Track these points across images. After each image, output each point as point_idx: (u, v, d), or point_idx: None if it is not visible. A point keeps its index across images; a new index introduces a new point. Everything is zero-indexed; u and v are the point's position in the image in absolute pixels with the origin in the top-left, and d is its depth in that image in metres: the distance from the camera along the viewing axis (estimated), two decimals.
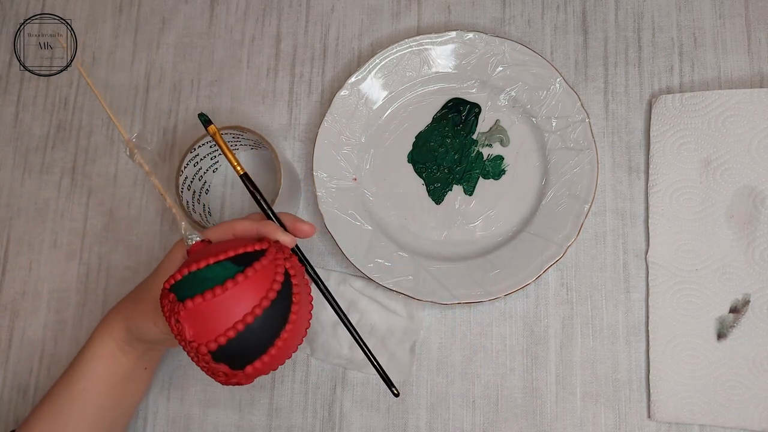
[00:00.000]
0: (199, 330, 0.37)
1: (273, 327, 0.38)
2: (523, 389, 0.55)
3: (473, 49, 0.59)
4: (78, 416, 0.49)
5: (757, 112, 0.55)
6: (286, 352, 0.39)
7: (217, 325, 0.37)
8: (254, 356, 0.38)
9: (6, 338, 0.61)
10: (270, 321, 0.38)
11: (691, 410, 0.52)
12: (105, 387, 0.50)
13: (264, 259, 0.40)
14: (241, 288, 0.38)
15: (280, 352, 0.38)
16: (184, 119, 0.64)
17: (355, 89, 0.60)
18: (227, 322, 0.37)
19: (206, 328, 0.37)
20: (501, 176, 0.59)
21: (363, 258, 0.57)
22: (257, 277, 0.38)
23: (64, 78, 0.67)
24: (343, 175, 0.59)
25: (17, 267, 0.63)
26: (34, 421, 0.49)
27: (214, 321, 0.37)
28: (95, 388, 0.49)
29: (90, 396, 0.49)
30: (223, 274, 0.38)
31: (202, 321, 0.37)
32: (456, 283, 0.55)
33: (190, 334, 0.37)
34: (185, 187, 0.57)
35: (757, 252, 0.54)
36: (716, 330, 0.54)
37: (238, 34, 0.66)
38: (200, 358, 0.38)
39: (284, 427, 0.57)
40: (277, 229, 0.44)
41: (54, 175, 0.65)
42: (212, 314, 0.37)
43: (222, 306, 0.37)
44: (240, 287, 0.37)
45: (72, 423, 0.49)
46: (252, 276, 0.38)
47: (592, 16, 0.61)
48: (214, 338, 0.37)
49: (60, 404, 0.49)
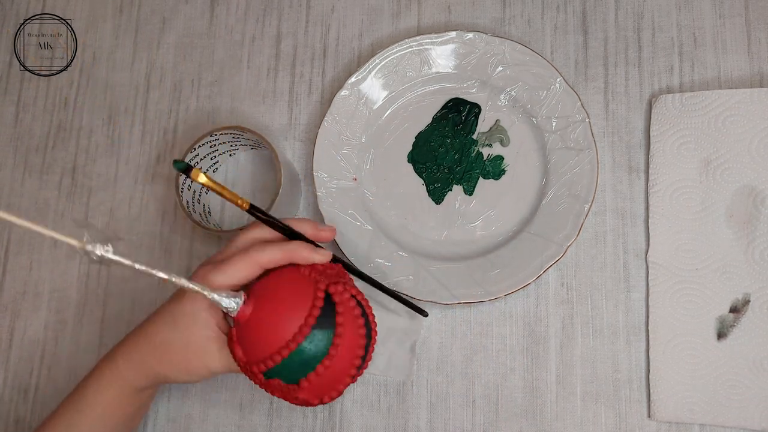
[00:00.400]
0: (317, 394, 0.41)
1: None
2: (524, 389, 0.55)
3: (473, 49, 0.59)
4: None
5: (757, 112, 0.55)
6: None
7: (332, 384, 0.41)
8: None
9: (6, 338, 0.62)
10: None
11: (691, 410, 0.52)
12: (114, 425, 0.48)
13: (339, 307, 0.40)
14: (341, 349, 0.40)
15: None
16: (184, 119, 0.64)
17: (356, 89, 0.60)
18: (340, 379, 0.41)
19: (322, 391, 0.41)
20: (501, 176, 0.59)
21: (363, 258, 0.57)
22: (348, 330, 0.40)
23: (64, 78, 0.67)
24: (343, 175, 0.59)
25: (18, 267, 0.63)
26: None
27: (329, 384, 0.41)
28: (103, 429, 0.47)
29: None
30: (317, 346, 0.39)
31: (320, 388, 0.40)
32: (456, 283, 0.55)
33: (315, 400, 0.41)
34: (185, 187, 0.57)
35: (757, 252, 0.54)
36: (716, 330, 0.54)
37: (239, 34, 0.66)
38: (324, 403, 0.41)
39: (284, 427, 0.57)
40: (307, 249, 0.42)
41: (54, 175, 0.65)
42: (326, 381, 0.40)
43: (333, 372, 0.40)
44: (341, 348, 0.39)
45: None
46: (344, 332, 0.39)
47: (592, 16, 0.61)
48: (329, 393, 0.41)
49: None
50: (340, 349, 0.39)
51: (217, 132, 0.56)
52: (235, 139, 0.58)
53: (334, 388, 0.41)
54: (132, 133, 0.65)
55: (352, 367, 0.40)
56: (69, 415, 0.47)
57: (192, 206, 0.57)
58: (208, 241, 0.61)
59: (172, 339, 0.44)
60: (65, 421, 0.47)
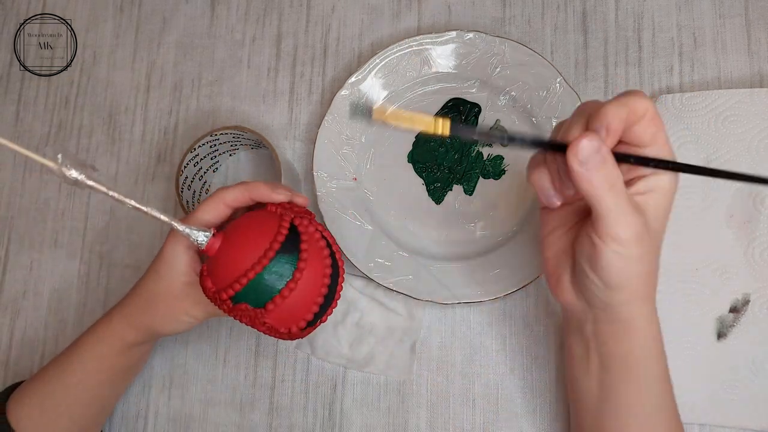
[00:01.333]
0: (284, 321, 0.41)
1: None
2: (523, 389, 0.55)
3: (473, 49, 0.59)
4: (72, 403, 0.49)
5: (757, 112, 0.55)
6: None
7: (298, 312, 0.41)
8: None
9: (6, 338, 0.62)
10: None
11: (691, 410, 0.52)
12: (105, 378, 0.50)
13: (303, 236, 0.41)
14: (306, 273, 0.41)
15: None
16: (184, 119, 0.64)
17: (356, 89, 0.60)
18: (306, 306, 0.41)
19: (289, 318, 0.41)
20: (501, 176, 0.59)
21: (363, 257, 0.57)
22: (311, 256, 0.41)
23: (64, 78, 0.67)
24: (344, 175, 0.59)
25: (18, 266, 0.63)
26: (28, 407, 0.49)
27: (295, 311, 0.41)
28: (93, 380, 0.50)
29: (86, 387, 0.50)
30: (282, 270, 0.40)
31: (286, 314, 0.41)
32: (456, 283, 0.56)
33: (282, 328, 0.41)
34: (185, 187, 0.57)
35: (757, 252, 0.54)
36: (716, 330, 0.54)
37: (239, 34, 0.66)
38: (293, 336, 0.42)
39: (284, 427, 0.57)
40: (267, 187, 0.43)
41: (54, 175, 0.64)
42: (292, 307, 0.41)
43: (298, 298, 0.41)
44: (305, 272, 0.41)
45: (65, 411, 0.49)
46: (308, 257, 0.41)
47: (592, 16, 0.61)
48: (296, 322, 0.41)
49: (52, 393, 0.49)
50: (305, 273, 0.40)
51: (217, 132, 0.56)
52: (235, 139, 0.58)
53: (302, 316, 0.41)
54: (132, 133, 0.65)
55: (319, 295, 0.41)
56: (62, 366, 0.49)
57: (192, 206, 0.57)
58: None
59: (156, 290, 0.47)
60: (58, 372, 0.49)
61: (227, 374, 0.58)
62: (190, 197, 0.57)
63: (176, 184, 0.56)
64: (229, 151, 0.61)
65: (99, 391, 0.51)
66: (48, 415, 0.49)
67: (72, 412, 0.50)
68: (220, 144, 0.58)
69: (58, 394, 0.49)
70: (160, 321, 0.47)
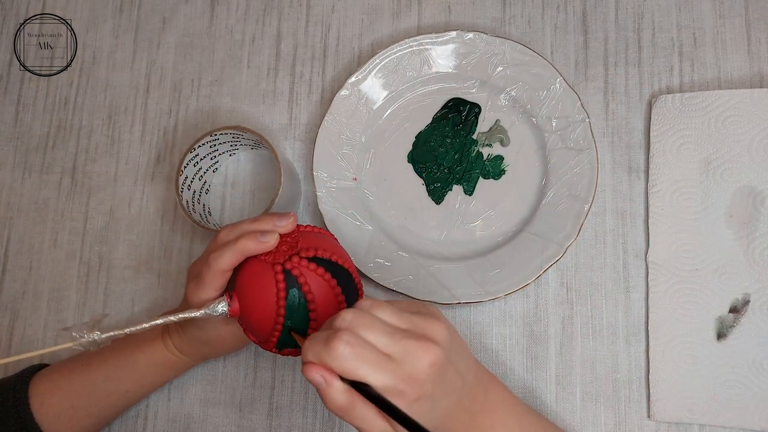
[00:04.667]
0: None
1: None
2: (523, 389, 0.55)
3: (473, 49, 0.59)
4: (106, 403, 0.53)
5: (757, 112, 0.55)
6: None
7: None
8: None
9: (6, 338, 0.62)
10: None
11: (690, 410, 0.52)
12: (148, 388, 0.55)
13: (299, 279, 0.44)
14: (318, 303, 0.44)
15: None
16: (184, 119, 0.64)
17: (356, 89, 0.60)
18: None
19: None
20: (501, 176, 0.59)
21: (363, 257, 0.57)
22: (315, 288, 0.44)
23: (64, 78, 0.67)
24: (343, 175, 0.59)
25: (17, 266, 0.63)
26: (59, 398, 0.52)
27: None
28: (139, 391, 0.54)
29: (130, 396, 0.54)
30: (300, 312, 0.44)
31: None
32: (456, 283, 0.56)
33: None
34: (185, 187, 0.57)
35: (757, 252, 0.54)
36: (716, 330, 0.54)
37: (239, 34, 0.66)
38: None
39: (284, 427, 0.57)
40: (253, 242, 0.44)
41: (54, 175, 0.65)
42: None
43: (323, 320, 0.44)
44: (318, 303, 0.44)
45: (87, 412, 0.53)
46: (312, 290, 0.44)
47: (592, 16, 0.61)
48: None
49: (95, 393, 0.52)
50: (317, 304, 0.43)
51: (217, 132, 0.56)
52: (235, 139, 0.58)
53: None
54: (132, 133, 0.65)
55: (341, 303, 0.44)
56: (107, 373, 0.53)
57: (192, 206, 0.57)
58: (208, 241, 0.61)
59: (206, 338, 0.51)
60: (101, 378, 0.53)
61: (227, 374, 0.58)
62: (190, 197, 0.57)
63: (176, 184, 0.56)
64: (228, 151, 0.61)
65: (129, 396, 0.54)
66: (70, 412, 0.52)
67: (91, 412, 0.53)
68: (220, 144, 0.58)
69: (85, 398, 0.52)
70: (222, 353, 0.55)
